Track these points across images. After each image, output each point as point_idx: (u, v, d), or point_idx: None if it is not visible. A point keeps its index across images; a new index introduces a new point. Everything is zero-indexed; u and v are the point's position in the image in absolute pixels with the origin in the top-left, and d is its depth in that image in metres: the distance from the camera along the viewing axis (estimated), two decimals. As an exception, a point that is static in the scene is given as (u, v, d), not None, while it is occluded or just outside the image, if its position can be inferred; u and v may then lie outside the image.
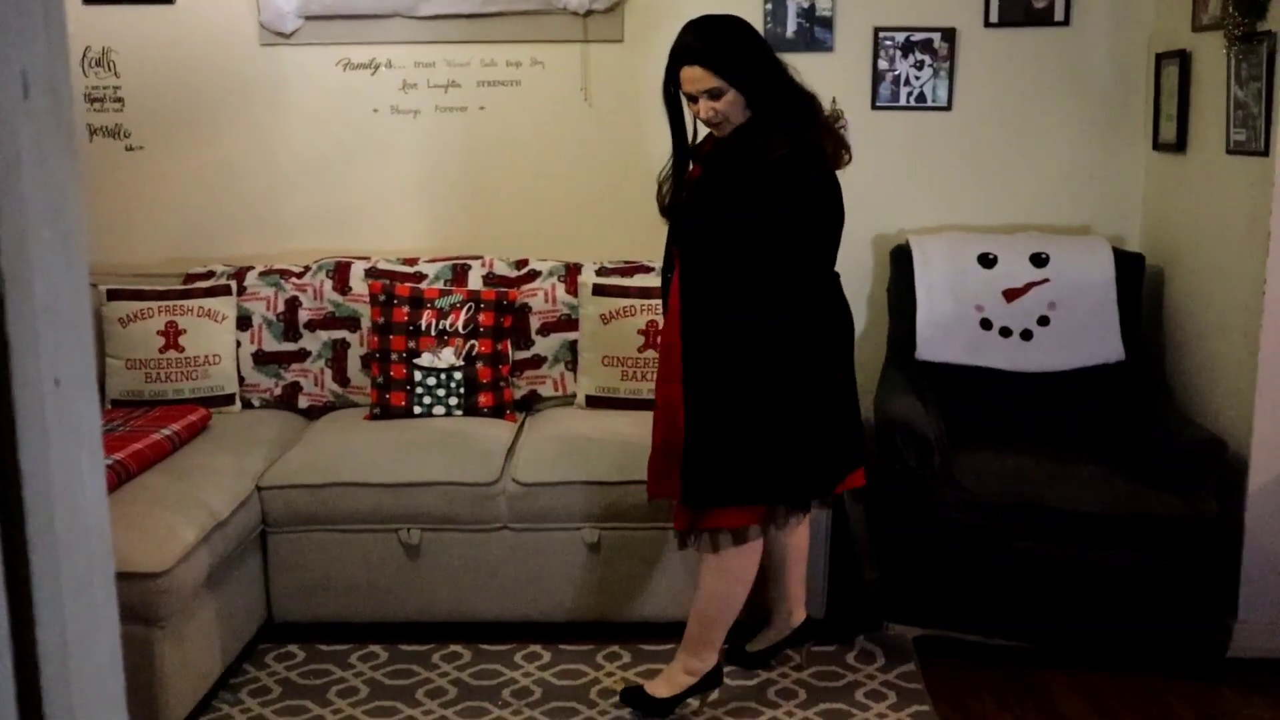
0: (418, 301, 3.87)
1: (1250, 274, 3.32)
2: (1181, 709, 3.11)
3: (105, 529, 0.68)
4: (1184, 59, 3.75)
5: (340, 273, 4.03)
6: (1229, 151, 3.44)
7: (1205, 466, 3.32)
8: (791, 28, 4.10)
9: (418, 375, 3.83)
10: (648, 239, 4.24)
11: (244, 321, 3.98)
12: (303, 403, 4.01)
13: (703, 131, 2.98)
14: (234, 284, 3.99)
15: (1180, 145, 3.80)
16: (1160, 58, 3.94)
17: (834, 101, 4.15)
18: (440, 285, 3.98)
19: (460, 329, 3.85)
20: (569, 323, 3.98)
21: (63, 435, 0.62)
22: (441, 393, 3.83)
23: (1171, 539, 3.23)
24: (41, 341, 0.60)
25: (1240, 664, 3.32)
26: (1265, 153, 3.23)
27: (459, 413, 3.84)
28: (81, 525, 0.64)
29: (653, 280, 3.96)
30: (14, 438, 0.57)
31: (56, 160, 0.62)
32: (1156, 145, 4.00)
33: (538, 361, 4.00)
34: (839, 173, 2.92)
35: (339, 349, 4.00)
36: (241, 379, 3.98)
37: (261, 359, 3.99)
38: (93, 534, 0.66)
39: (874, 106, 4.16)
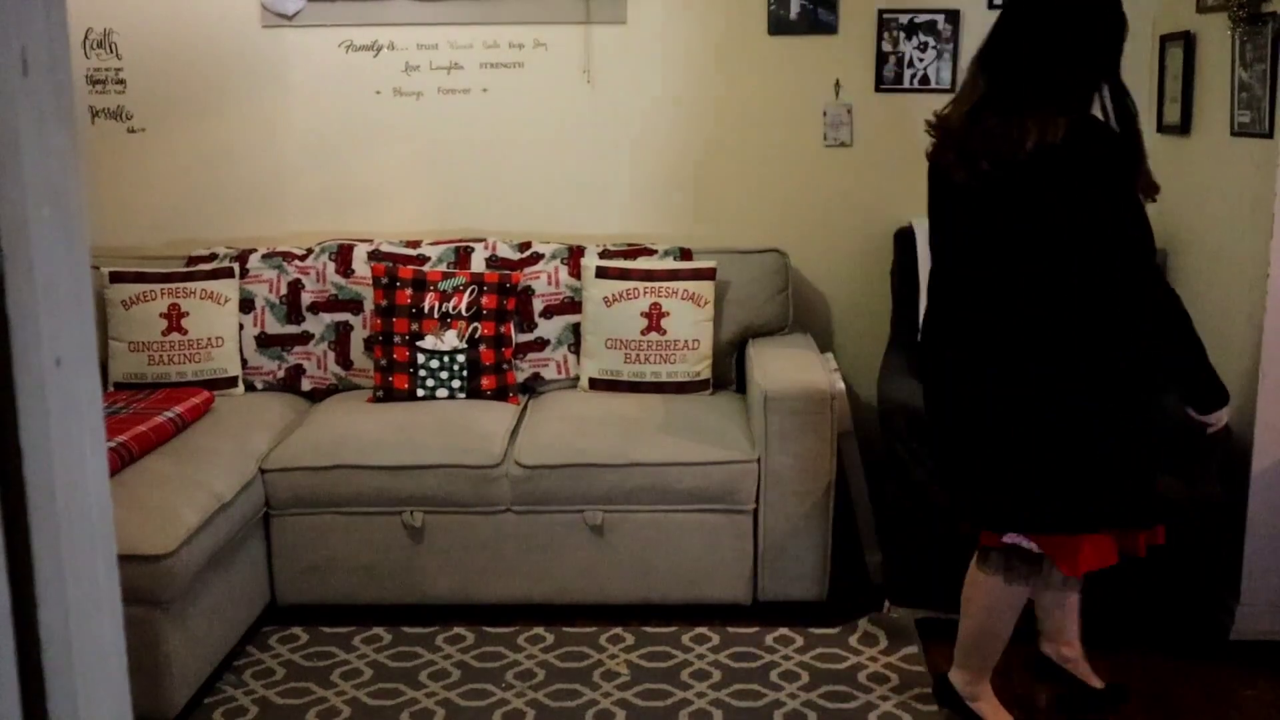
0: (420, 284, 3.86)
1: (1254, 257, 3.30)
2: (1183, 690, 3.12)
3: (107, 509, 0.68)
4: (1188, 40, 3.73)
5: (343, 255, 4.02)
6: (1233, 134, 3.43)
7: (1208, 450, 3.32)
8: (795, 9, 4.09)
9: (420, 358, 3.83)
10: (650, 220, 4.25)
11: (247, 304, 3.98)
12: (305, 385, 4.01)
13: None
14: (236, 266, 3.99)
15: (1184, 127, 3.78)
16: (1165, 39, 3.92)
17: (837, 84, 4.15)
18: (443, 268, 3.97)
19: (463, 311, 3.85)
20: (572, 305, 3.98)
21: (64, 415, 0.62)
22: (444, 375, 3.83)
23: (1174, 522, 3.23)
24: (42, 321, 0.60)
25: (1242, 646, 3.33)
26: (1270, 135, 3.21)
27: (462, 395, 3.84)
28: (83, 505, 0.64)
29: (656, 263, 3.95)
30: (15, 418, 0.57)
31: (56, 139, 0.62)
32: (1161, 127, 3.98)
33: (541, 344, 4.00)
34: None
35: (342, 331, 4.00)
36: (244, 361, 3.98)
37: (264, 341, 3.99)
38: (94, 514, 0.65)
39: (878, 88, 4.14)
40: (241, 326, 3.97)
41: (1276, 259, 3.21)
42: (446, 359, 3.83)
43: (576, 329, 3.97)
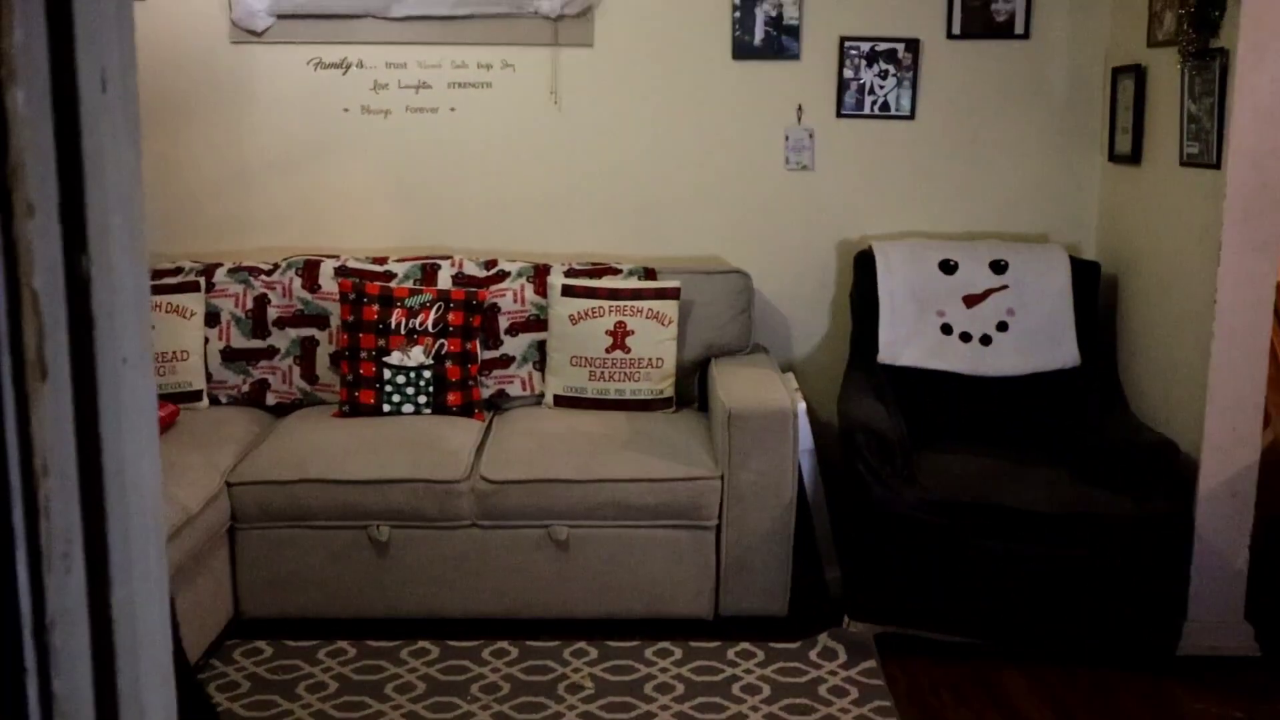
0: (387, 300, 3.89)
1: (1202, 282, 3.41)
2: (1132, 704, 3.20)
3: (159, 499, 0.72)
4: (1139, 73, 3.86)
5: (309, 271, 4.04)
6: (1182, 164, 3.54)
7: (1157, 469, 3.42)
8: (759, 36, 4.17)
9: (387, 373, 3.86)
10: (615, 239, 4.31)
11: (212, 318, 3.99)
12: (270, 400, 4.02)
13: None
14: (202, 281, 4.00)
15: (1135, 157, 3.90)
16: (1116, 71, 4.04)
17: (799, 109, 4.24)
18: (410, 284, 4.00)
19: (429, 328, 3.88)
20: (538, 323, 4.02)
21: (131, 412, 0.66)
22: (410, 391, 3.86)
23: (1124, 539, 3.32)
24: (116, 322, 0.64)
25: (1189, 661, 3.41)
26: (1217, 165, 3.33)
27: (427, 411, 3.87)
28: (143, 494, 0.68)
29: (621, 282, 4.01)
30: (97, 411, 0.61)
31: (127, 152, 0.66)
32: (1112, 157, 4.11)
33: (506, 361, 4.04)
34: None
35: (308, 346, 4.02)
36: (209, 376, 3.98)
37: (230, 356, 4.00)
38: (151, 503, 0.70)
39: (839, 114, 4.23)
40: (207, 340, 3.98)
41: (1223, 285, 3.32)
42: (412, 375, 3.86)
43: (542, 346, 4.02)
